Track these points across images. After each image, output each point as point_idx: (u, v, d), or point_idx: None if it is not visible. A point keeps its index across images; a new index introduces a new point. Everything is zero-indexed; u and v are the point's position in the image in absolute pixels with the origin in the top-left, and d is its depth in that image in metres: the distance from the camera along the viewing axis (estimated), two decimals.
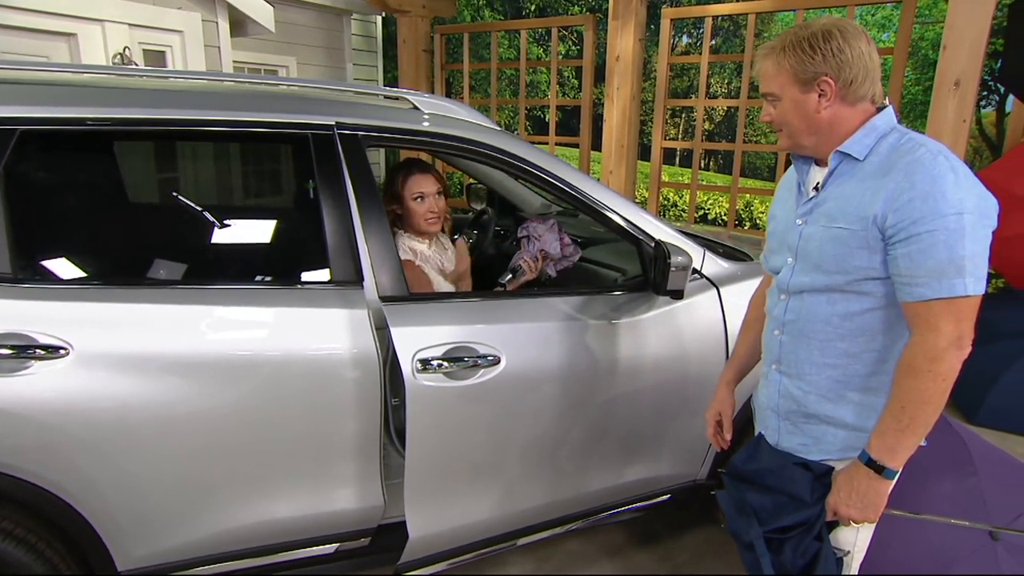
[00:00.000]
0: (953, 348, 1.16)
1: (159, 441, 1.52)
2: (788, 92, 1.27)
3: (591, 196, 1.94)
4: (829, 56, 1.22)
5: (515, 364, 1.71)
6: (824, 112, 1.26)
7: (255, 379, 1.55)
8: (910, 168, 1.17)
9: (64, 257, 1.54)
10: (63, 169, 1.59)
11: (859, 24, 1.29)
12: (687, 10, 5.85)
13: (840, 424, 1.33)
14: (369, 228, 1.66)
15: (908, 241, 1.16)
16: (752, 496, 1.39)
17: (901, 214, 1.16)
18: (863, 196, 1.22)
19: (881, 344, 1.28)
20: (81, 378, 1.42)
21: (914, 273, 1.16)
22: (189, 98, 1.67)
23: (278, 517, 1.67)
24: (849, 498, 1.26)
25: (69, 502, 1.48)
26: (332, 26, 6.39)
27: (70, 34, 3.81)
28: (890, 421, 1.21)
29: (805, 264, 1.33)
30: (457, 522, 1.79)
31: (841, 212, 1.26)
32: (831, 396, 1.33)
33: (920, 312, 1.17)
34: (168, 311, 1.50)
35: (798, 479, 1.34)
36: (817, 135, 1.29)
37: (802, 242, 1.33)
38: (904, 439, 1.21)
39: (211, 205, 1.70)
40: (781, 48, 1.26)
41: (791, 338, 1.38)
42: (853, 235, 1.23)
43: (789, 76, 1.26)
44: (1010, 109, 5.05)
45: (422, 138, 1.82)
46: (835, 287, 1.28)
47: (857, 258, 1.23)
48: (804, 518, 1.32)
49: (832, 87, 1.24)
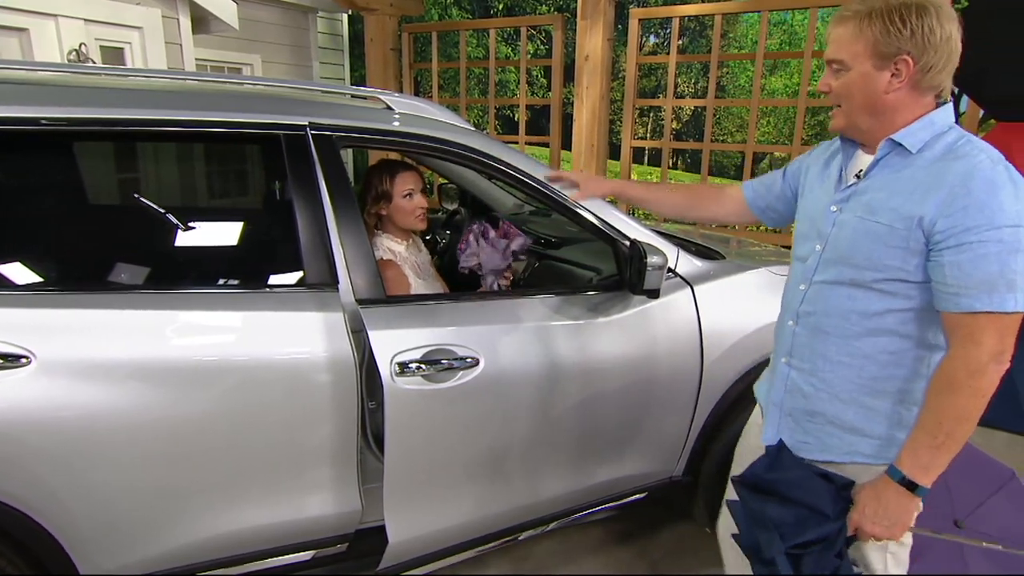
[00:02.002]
0: (994, 363, 1.11)
1: (127, 450, 1.47)
2: (860, 64, 1.16)
3: (565, 195, 1.94)
4: (919, 34, 1.11)
5: (494, 366, 1.70)
6: (891, 94, 1.16)
7: (227, 385, 1.52)
8: (968, 174, 1.10)
9: (25, 262, 1.48)
10: (25, 172, 1.52)
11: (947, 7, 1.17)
12: (655, 10, 5.91)
13: (846, 427, 1.29)
14: (344, 230, 1.64)
15: (959, 249, 1.09)
16: (772, 508, 1.30)
17: (953, 220, 1.09)
18: (911, 194, 1.15)
19: (898, 347, 1.22)
20: (44, 387, 1.37)
21: (962, 283, 1.10)
22: (156, 97, 1.62)
23: (252, 525, 1.63)
24: (875, 515, 1.21)
25: (30, 515, 1.42)
26: (298, 24, 6.29)
27: (21, 29, 3.67)
28: (925, 438, 1.16)
29: (833, 254, 1.26)
30: (437, 525, 1.77)
31: (883, 206, 1.18)
32: (843, 397, 1.28)
33: (965, 323, 1.11)
34: (137, 317, 1.46)
35: (821, 492, 1.27)
36: (876, 117, 1.20)
37: (835, 230, 1.26)
38: (939, 457, 1.15)
39: (181, 208, 1.66)
40: (868, 13, 1.14)
41: (806, 331, 1.32)
42: (892, 232, 1.16)
43: (868, 46, 1.14)
44: (964, 109, 5.23)
45: (396, 138, 1.80)
46: (860, 282, 1.22)
47: (892, 257, 1.17)
48: (825, 533, 1.26)
49: (910, 68, 1.13)
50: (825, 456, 1.32)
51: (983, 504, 1.85)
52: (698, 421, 2.09)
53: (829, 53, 1.21)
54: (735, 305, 2.07)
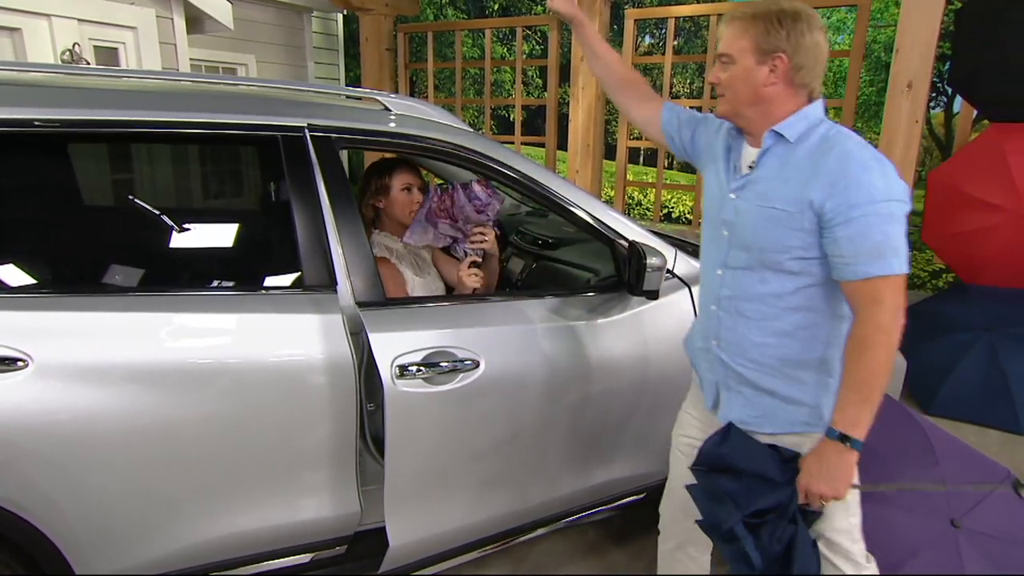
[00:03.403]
0: (896, 319, 1.26)
1: (125, 454, 1.46)
2: (744, 59, 1.34)
3: (563, 196, 1.94)
4: (792, 36, 1.30)
5: (494, 367, 1.70)
6: (769, 88, 1.33)
7: (225, 387, 1.51)
8: (843, 159, 1.27)
9: (23, 265, 1.47)
10: (22, 173, 1.51)
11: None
12: (650, 11, 5.91)
13: (784, 398, 1.41)
14: (344, 231, 1.64)
15: (847, 224, 1.25)
16: (726, 481, 1.42)
17: (838, 200, 1.25)
18: (798, 180, 1.31)
19: (812, 322, 1.37)
20: (42, 390, 1.36)
21: (855, 253, 1.25)
22: (153, 99, 1.61)
23: (250, 528, 1.62)
24: (820, 474, 1.32)
25: (28, 519, 1.41)
26: (292, 24, 6.27)
27: (14, 29, 3.65)
28: (851, 395, 1.29)
29: (740, 240, 1.40)
30: (437, 528, 1.77)
31: (776, 193, 1.34)
32: (773, 373, 1.41)
33: (864, 289, 1.27)
34: (134, 319, 1.45)
35: (769, 461, 1.39)
36: (757, 107, 1.36)
37: (736, 217, 1.41)
38: (865, 410, 1.29)
39: (179, 210, 1.65)
40: (752, 16, 1.33)
41: (728, 315, 1.45)
42: (789, 216, 1.31)
43: (751, 43, 1.33)
44: (958, 110, 5.26)
45: (393, 139, 1.80)
46: (769, 264, 1.36)
47: (791, 237, 1.32)
48: (777, 501, 1.37)
49: (785, 65, 1.31)
50: (772, 429, 1.43)
51: (979, 503, 1.86)
52: None
53: (720, 48, 1.38)
54: None
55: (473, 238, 2.05)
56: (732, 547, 1.39)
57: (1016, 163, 3.59)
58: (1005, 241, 3.65)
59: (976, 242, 3.76)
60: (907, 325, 3.32)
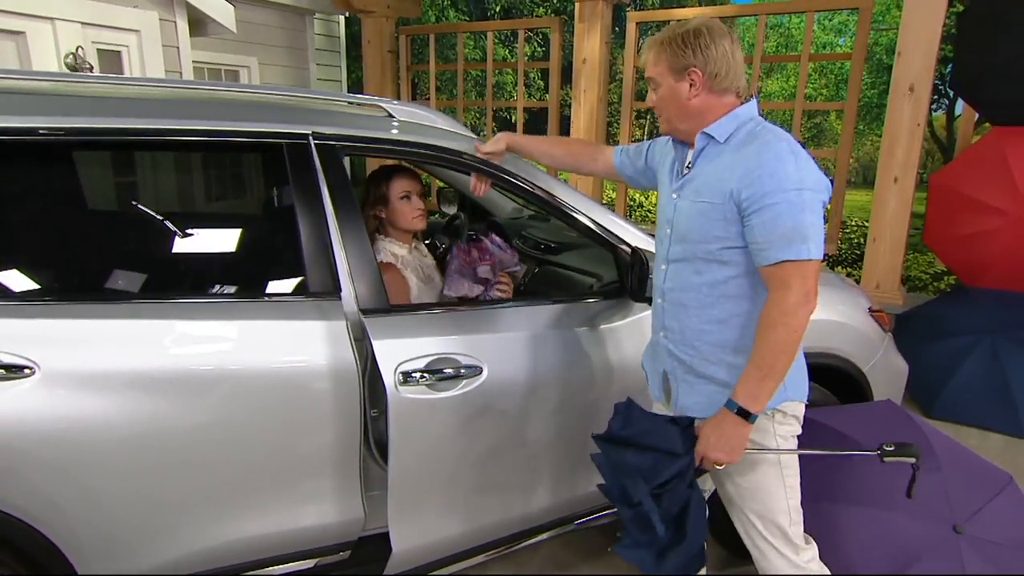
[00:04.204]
0: (803, 303, 1.33)
1: (130, 460, 1.47)
2: (665, 80, 1.45)
3: (566, 202, 1.95)
4: (698, 51, 1.40)
5: (497, 373, 1.71)
6: (694, 100, 1.44)
7: (231, 394, 1.52)
8: (759, 150, 1.36)
9: (29, 273, 1.48)
10: (27, 182, 1.52)
11: (735, 31, 1.47)
12: (652, 14, 5.93)
13: (721, 383, 1.48)
14: (348, 239, 1.64)
15: (760, 212, 1.33)
16: (631, 456, 1.51)
17: (753, 188, 1.33)
18: (723, 174, 1.40)
19: (745, 310, 1.45)
20: (48, 397, 1.37)
21: (767, 239, 1.33)
22: (160, 107, 1.62)
23: (256, 534, 1.63)
24: (717, 442, 1.41)
25: (33, 524, 1.43)
26: (294, 26, 6.27)
27: (18, 32, 3.66)
28: (753, 371, 1.38)
29: (677, 234, 1.50)
30: (441, 533, 1.78)
31: (706, 188, 1.43)
32: (712, 359, 1.49)
33: (775, 273, 1.34)
34: (140, 326, 1.46)
35: (670, 434, 1.48)
36: (689, 120, 1.46)
37: (676, 215, 1.51)
38: (764, 385, 1.37)
39: (184, 218, 1.66)
40: (660, 42, 1.45)
41: (672, 306, 1.54)
42: (714, 208, 1.40)
43: (665, 66, 1.44)
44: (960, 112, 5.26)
45: (397, 146, 1.81)
46: (700, 256, 1.45)
47: (717, 228, 1.41)
48: (678, 469, 1.46)
49: (700, 78, 1.41)
50: (711, 413, 1.48)
51: (982, 509, 1.87)
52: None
53: (646, 74, 1.50)
54: None
55: (500, 287, 2.17)
56: (634, 512, 1.50)
57: (1018, 167, 3.59)
58: (1007, 244, 3.65)
59: (978, 245, 3.77)
60: (909, 327, 3.33)
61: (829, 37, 16.55)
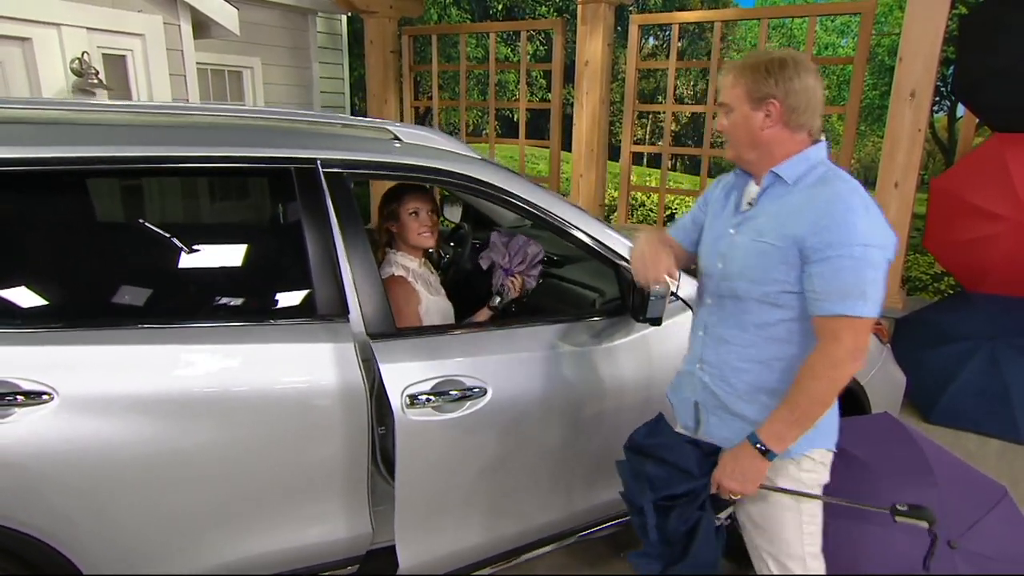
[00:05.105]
0: (850, 360, 1.33)
1: (146, 481, 1.51)
2: (740, 107, 1.41)
3: (568, 221, 1.98)
4: (780, 82, 1.36)
5: (501, 394, 1.74)
6: (766, 131, 1.40)
7: (245, 417, 1.56)
8: (831, 200, 1.33)
9: (47, 301, 1.52)
10: (43, 210, 1.55)
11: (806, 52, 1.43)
12: (655, 17, 5.92)
13: (749, 421, 1.47)
14: (355, 263, 1.68)
15: (822, 262, 1.31)
16: (650, 466, 1.56)
17: (819, 238, 1.31)
18: (789, 217, 1.38)
19: (790, 354, 1.43)
20: (67, 423, 1.41)
21: (825, 291, 1.31)
22: (171, 134, 1.65)
23: (266, 550, 1.67)
24: (733, 473, 1.42)
25: (54, 545, 1.47)
26: (297, 25, 6.28)
27: (24, 38, 3.68)
28: (784, 413, 1.37)
29: (731, 270, 1.47)
30: (446, 549, 1.82)
31: (770, 229, 1.40)
32: (747, 398, 1.48)
33: (827, 325, 1.33)
34: (156, 351, 1.50)
35: (689, 454, 1.51)
36: (758, 151, 1.43)
37: (731, 250, 1.48)
38: (793, 430, 1.38)
39: (196, 245, 1.69)
40: (742, 66, 1.41)
41: (713, 340, 1.53)
42: (776, 250, 1.38)
43: (743, 92, 1.40)
44: (961, 114, 5.26)
45: (403, 171, 1.84)
46: (755, 295, 1.43)
47: (777, 271, 1.38)
48: (691, 488, 1.49)
49: (777, 110, 1.38)
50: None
51: (976, 523, 1.90)
52: None
53: (720, 98, 1.47)
54: None
55: (514, 281, 2.30)
56: (639, 519, 1.56)
57: (1018, 172, 3.60)
58: (1007, 250, 3.67)
59: (978, 251, 3.79)
60: (909, 333, 3.35)
61: (831, 38, 16.43)
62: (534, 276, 2.38)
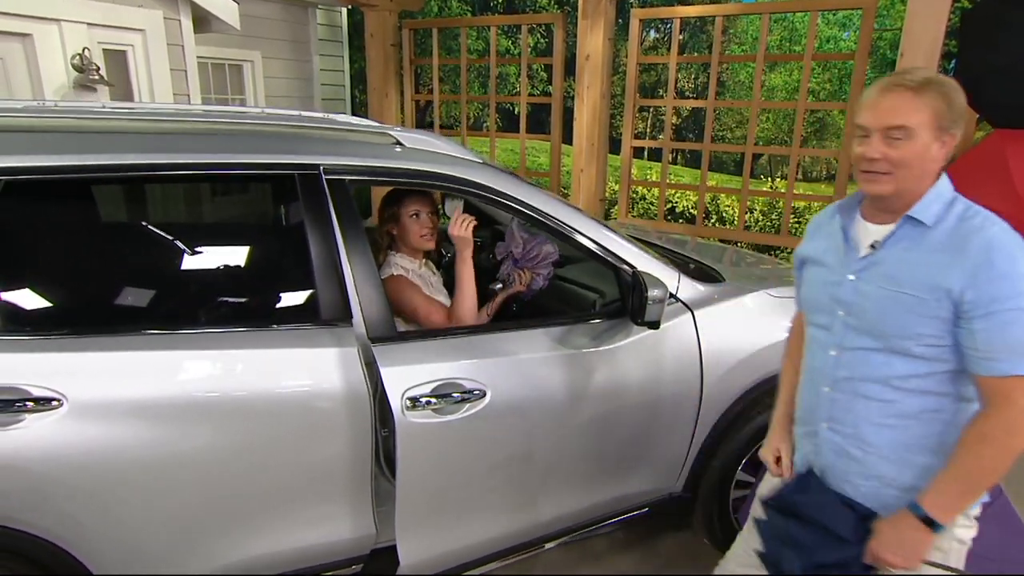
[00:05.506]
0: None
1: (154, 484, 1.54)
2: (923, 134, 1.21)
3: (567, 224, 2.00)
4: (959, 111, 1.21)
5: (500, 396, 1.77)
6: (934, 165, 1.23)
7: (251, 421, 1.58)
8: (988, 247, 1.18)
9: (56, 307, 1.54)
10: (51, 218, 1.58)
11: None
12: (656, 11, 5.89)
13: (900, 487, 1.33)
14: (357, 267, 1.70)
15: (987, 318, 1.17)
16: (793, 527, 1.40)
17: (980, 291, 1.17)
18: (935, 266, 1.22)
19: (938, 405, 1.29)
20: (76, 428, 1.44)
21: (993, 348, 1.17)
22: (175, 142, 1.67)
23: (270, 551, 1.71)
24: (892, 544, 1.28)
25: (63, 547, 1.50)
26: (297, 19, 6.26)
27: (25, 34, 3.68)
28: (954, 484, 1.23)
29: (862, 322, 1.32)
30: (446, 548, 1.85)
31: (909, 278, 1.25)
32: (892, 458, 1.33)
33: (997, 387, 1.19)
34: (163, 357, 1.52)
35: (842, 518, 1.35)
36: (921, 186, 1.25)
37: (858, 299, 1.32)
38: (963, 501, 1.25)
39: (203, 251, 1.71)
40: (925, 85, 1.20)
41: (845, 396, 1.36)
42: (921, 303, 1.23)
43: (931, 117, 1.20)
44: None
45: (405, 177, 1.86)
46: (897, 349, 1.28)
47: (924, 326, 1.23)
48: (843, 557, 1.33)
49: (954, 141, 1.22)
50: (873, 504, 1.36)
51: None
52: (697, 440, 2.17)
53: (886, 120, 1.21)
54: (734, 329, 2.13)
55: (522, 274, 2.34)
56: None
57: (1018, 169, 3.60)
58: None
59: None
60: None
61: (833, 31, 16.31)
62: (543, 276, 2.38)
